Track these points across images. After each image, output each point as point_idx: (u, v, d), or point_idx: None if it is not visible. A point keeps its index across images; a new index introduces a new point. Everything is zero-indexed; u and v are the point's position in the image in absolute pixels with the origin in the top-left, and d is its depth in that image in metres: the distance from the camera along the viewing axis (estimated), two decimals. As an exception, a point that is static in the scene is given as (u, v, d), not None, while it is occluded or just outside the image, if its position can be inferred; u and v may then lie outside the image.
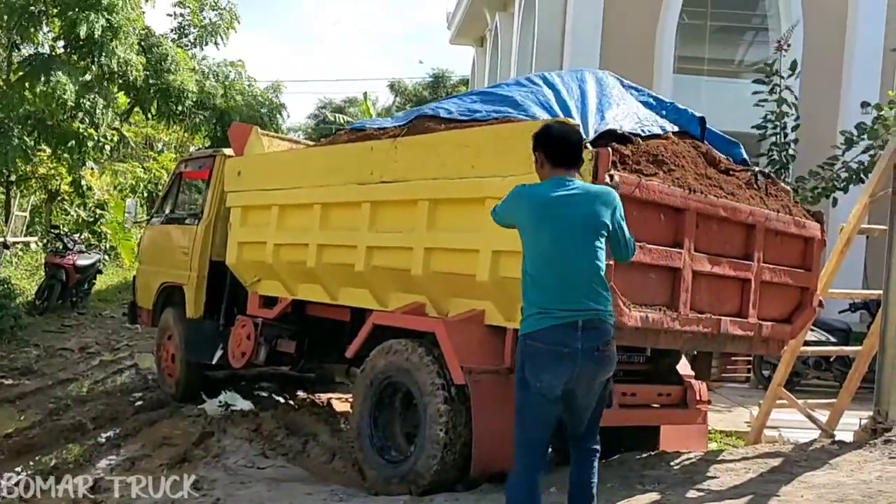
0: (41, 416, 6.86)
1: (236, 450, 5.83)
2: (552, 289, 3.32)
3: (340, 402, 7.62)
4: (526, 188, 3.52)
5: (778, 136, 9.78)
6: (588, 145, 4.19)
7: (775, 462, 5.00)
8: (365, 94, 27.21)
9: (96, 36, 11.62)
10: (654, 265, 4.32)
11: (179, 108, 14.69)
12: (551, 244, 3.33)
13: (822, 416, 6.01)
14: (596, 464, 3.57)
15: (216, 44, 16.13)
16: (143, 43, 13.66)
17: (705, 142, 5.27)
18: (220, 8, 16.11)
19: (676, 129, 5.12)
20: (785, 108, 9.47)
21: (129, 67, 12.46)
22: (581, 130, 3.50)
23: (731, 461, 5.14)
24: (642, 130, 4.81)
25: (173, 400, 7.60)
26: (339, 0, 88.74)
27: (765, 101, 9.52)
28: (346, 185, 5.61)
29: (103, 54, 11.98)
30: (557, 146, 3.49)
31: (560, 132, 3.57)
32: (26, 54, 13.33)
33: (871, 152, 8.57)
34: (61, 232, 14.59)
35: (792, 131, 9.31)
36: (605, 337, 3.34)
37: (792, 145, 9.79)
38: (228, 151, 7.42)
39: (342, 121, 25.92)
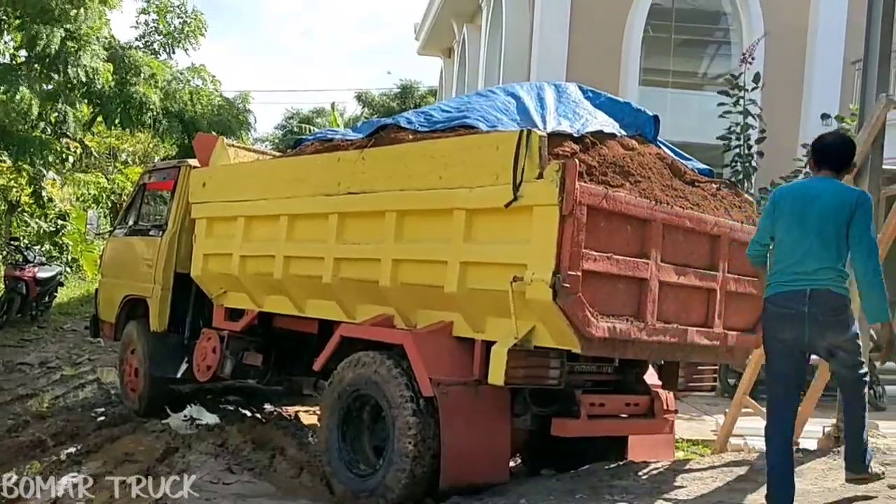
0: (-1, 433, 6.70)
1: (201, 465, 5.72)
2: (788, 263, 4.01)
3: (308, 416, 7.54)
4: (786, 185, 4.55)
5: (742, 148, 9.92)
6: (553, 159, 4.22)
7: (741, 470, 5.03)
8: (333, 104, 27.10)
9: (55, 50, 11.43)
10: (621, 276, 4.34)
11: (144, 118, 14.47)
12: (793, 227, 4.02)
13: (787, 424, 6.06)
14: (855, 394, 4.09)
15: (185, 49, 15.93)
16: (109, 50, 13.42)
17: (660, 145, 5.34)
18: (186, 15, 15.89)
19: (632, 132, 5.19)
20: (749, 119, 9.61)
21: (96, 76, 12.26)
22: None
23: (697, 470, 5.16)
24: (601, 128, 4.92)
25: (136, 415, 7.45)
26: (307, 11, 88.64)
27: (729, 112, 9.66)
28: (312, 197, 5.57)
29: (69, 65, 11.78)
30: (819, 150, 4.19)
31: (826, 139, 4.28)
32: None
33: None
34: (21, 244, 14.32)
35: (756, 143, 9.45)
36: (831, 304, 3.91)
37: (755, 157, 9.94)
38: (193, 162, 7.34)
39: (308, 131, 25.80)
